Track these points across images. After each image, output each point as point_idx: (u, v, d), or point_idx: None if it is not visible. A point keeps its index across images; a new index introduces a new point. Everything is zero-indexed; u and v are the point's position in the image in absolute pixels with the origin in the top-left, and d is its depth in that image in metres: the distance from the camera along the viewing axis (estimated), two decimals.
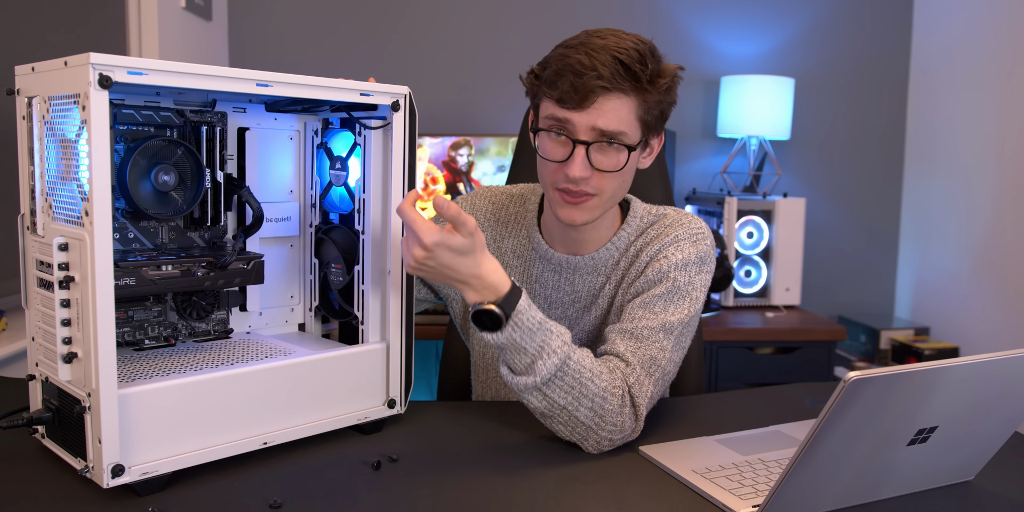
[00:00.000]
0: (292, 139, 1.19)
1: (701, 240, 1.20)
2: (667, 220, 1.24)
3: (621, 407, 1.06)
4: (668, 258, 1.17)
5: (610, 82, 1.06)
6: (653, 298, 1.15)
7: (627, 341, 1.12)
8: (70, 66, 0.85)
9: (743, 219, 2.72)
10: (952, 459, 0.94)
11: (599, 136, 1.09)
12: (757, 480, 0.97)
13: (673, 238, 1.19)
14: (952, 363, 0.79)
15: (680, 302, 1.15)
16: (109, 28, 2.18)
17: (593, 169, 1.10)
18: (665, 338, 1.12)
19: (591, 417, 1.05)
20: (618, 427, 1.06)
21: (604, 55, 1.06)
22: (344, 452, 1.05)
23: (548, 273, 1.27)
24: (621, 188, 1.15)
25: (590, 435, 1.06)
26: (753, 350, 2.49)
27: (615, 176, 1.12)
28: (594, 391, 1.05)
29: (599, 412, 1.05)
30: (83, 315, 0.87)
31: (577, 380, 1.04)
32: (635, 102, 1.09)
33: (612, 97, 1.07)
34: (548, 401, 1.05)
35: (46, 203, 0.92)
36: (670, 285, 1.15)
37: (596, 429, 1.05)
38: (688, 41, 2.98)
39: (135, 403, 0.90)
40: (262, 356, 1.07)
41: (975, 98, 2.78)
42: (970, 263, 2.80)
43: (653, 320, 1.13)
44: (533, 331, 1.03)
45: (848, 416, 0.77)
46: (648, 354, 1.11)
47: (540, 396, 1.05)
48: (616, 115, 1.08)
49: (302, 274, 1.23)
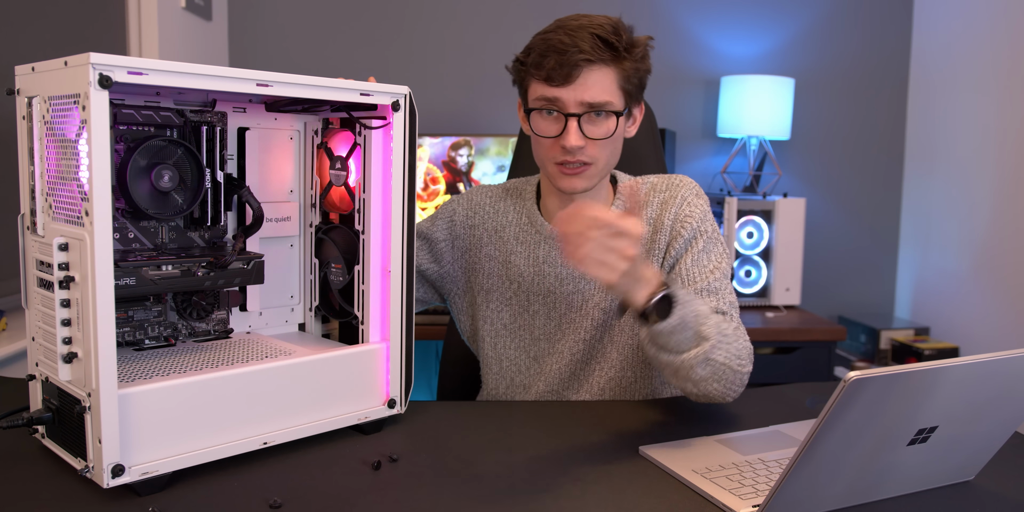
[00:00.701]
0: (292, 139, 1.19)
1: (699, 191, 1.33)
2: (659, 185, 1.32)
3: (748, 351, 1.17)
4: (691, 215, 1.28)
5: (592, 54, 1.15)
6: (699, 254, 1.26)
7: (709, 298, 1.22)
8: (70, 66, 0.85)
9: (743, 219, 2.72)
10: (952, 459, 0.94)
11: (587, 108, 1.17)
12: (757, 480, 0.97)
13: (681, 198, 1.29)
14: (952, 363, 0.79)
15: (718, 248, 1.28)
16: (109, 28, 2.18)
17: (586, 138, 1.18)
18: (727, 283, 1.26)
19: (738, 362, 1.13)
20: (749, 369, 1.16)
21: (582, 32, 1.16)
22: (344, 452, 1.05)
23: (555, 251, 1.31)
24: (613, 156, 1.24)
25: (737, 379, 1.14)
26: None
27: (607, 144, 1.20)
28: (733, 338, 1.13)
29: (739, 356, 1.13)
30: (83, 315, 0.87)
31: (725, 334, 1.11)
32: (615, 72, 1.18)
33: (595, 69, 1.16)
34: (712, 365, 1.10)
35: (46, 203, 0.92)
36: (705, 238, 1.27)
37: (741, 372, 1.14)
38: (688, 41, 2.98)
39: (135, 403, 0.90)
40: (262, 356, 1.07)
41: (975, 98, 2.78)
42: (970, 263, 2.80)
43: (715, 271, 1.25)
44: (688, 302, 1.08)
45: (848, 416, 0.77)
46: (728, 300, 1.24)
47: (706, 363, 1.10)
48: (600, 86, 1.17)
49: (302, 274, 1.23)
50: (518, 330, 1.35)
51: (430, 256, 1.38)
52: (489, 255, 1.35)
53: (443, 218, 1.39)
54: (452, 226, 1.38)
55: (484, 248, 1.36)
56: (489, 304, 1.35)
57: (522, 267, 1.33)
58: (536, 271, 1.32)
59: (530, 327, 1.34)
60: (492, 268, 1.35)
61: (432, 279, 1.39)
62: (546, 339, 1.33)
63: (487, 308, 1.36)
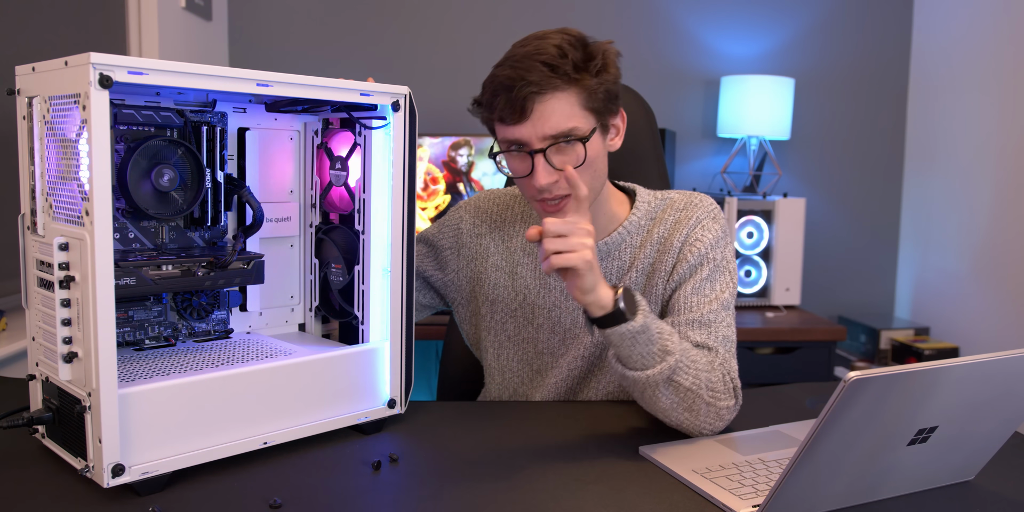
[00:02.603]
0: (292, 139, 1.19)
1: (718, 215, 1.27)
2: (677, 203, 1.28)
3: (725, 384, 1.12)
4: (700, 240, 1.22)
5: (539, 86, 1.08)
6: (701, 282, 1.20)
7: (699, 330, 1.17)
8: (70, 66, 0.85)
9: (743, 219, 2.72)
10: (952, 459, 0.94)
11: (552, 141, 1.11)
12: (757, 480, 0.97)
13: (696, 220, 1.24)
14: (952, 363, 0.79)
15: (723, 277, 1.22)
16: (109, 28, 2.19)
17: (557, 171, 1.12)
18: (727, 315, 1.20)
19: (710, 393, 1.09)
20: (727, 404, 1.11)
21: (527, 62, 1.09)
22: (344, 452, 1.05)
23: None
24: (596, 178, 1.17)
25: (711, 412, 1.10)
26: (753, 350, 2.49)
27: (583, 171, 1.13)
28: (706, 368, 1.10)
29: (712, 387, 1.10)
30: (83, 315, 0.87)
31: (693, 360, 1.09)
32: (573, 94, 1.11)
33: (549, 98, 1.09)
34: (674, 388, 1.07)
35: (46, 203, 0.92)
36: (712, 266, 1.21)
37: (716, 405, 1.10)
38: (688, 41, 2.98)
39: (135, 403, 0.90)
40: (262, 356, 1.07)
41: (975, 98, 2.78)
42: (970, 263, 2.80)
43: (712, 303, 1.19)
44: (652, 314, 1.07)
45: (848, 416, 0.77)
46: (721, 335, 1.17)
47: (669, 385, 1.07)
48: (559, 114, 1.10)
49: (302, 274, 1.23)
50: (522, 342, 1.33)
51: (435, 263, 1.36)
52: (495, 265, 1.33)
53: (450, 226, 1.36)
54: (458, 234, 1.35)
55: (491, 258, 1.33)
56: (494, 315, 1.34)
57: (528, 279, 1.31)
58: (542, 284, 1.30)
59: (534, 340, 1.32)
60: (498, 279, 1.33)
61: (436, 286, 1.38)
62: (550, 353, 1.31)
63: (491, 319, 1.34)
